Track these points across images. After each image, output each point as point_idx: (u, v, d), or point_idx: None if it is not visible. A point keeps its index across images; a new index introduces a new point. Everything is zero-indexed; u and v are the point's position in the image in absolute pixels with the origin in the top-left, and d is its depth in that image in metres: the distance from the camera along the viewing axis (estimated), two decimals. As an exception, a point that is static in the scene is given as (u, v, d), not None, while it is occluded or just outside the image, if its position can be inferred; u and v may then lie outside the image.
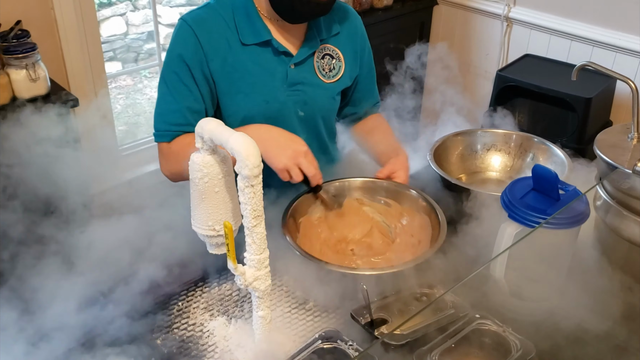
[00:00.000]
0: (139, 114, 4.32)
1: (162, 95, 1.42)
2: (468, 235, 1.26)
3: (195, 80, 1.38)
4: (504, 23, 3.04)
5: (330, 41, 1.50)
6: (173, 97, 1.40)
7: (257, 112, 1.43)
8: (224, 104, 1.44)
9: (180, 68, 1.38)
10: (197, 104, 1.40)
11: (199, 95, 1.40)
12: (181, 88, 1.39)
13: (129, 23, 4.71)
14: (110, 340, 1.13)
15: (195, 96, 1.40)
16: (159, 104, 1.43)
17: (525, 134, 1.65)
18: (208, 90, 1.41)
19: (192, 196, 1.05)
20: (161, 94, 1.42)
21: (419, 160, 1.63)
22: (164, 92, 1.41)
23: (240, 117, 1.44)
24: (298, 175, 1.29)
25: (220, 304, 1.24)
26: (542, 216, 1.09)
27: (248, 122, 1.44)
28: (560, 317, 1.08)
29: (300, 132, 1.50)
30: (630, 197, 1.18)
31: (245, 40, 1.40)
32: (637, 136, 1.27)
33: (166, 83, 1.41)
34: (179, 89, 1.39)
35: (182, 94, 1.39)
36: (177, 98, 1.39)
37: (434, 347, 1.05)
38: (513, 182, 1.19)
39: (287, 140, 1.31)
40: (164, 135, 1.42)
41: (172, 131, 1.40)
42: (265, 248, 1.02)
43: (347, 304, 1.17)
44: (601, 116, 2.64)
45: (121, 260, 1.25)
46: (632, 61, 2.66)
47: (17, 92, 2.06)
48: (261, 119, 1.44)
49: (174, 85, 1.39)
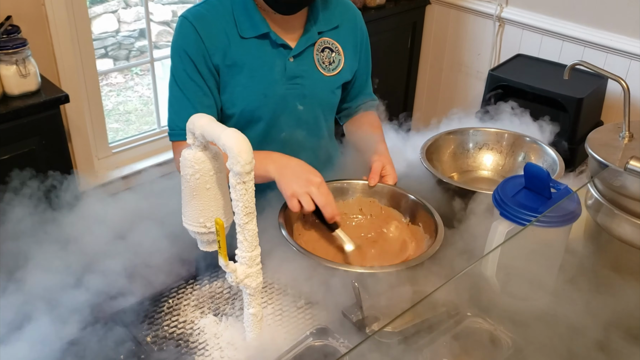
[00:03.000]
0: (130, 111, 4.30)
1: (174, 93, 1.43)
2: (460, 233, 1.26)
3: (202, 75, 1.40)
4: (496, 23, 3.05)
5: (329, 34, 1.51)
6: (184, 95, 1.41)
7: (257, 105, 1.44)
8: (224, 97, 1.44)
9: (187, 64, 1.39)
10: (207, 99, 1.42)
11: (207, 90, 1.41)
12: (190, 85, 1.40)
13: (121, 20, 4.69)
14: (100, 337, 1.12)
15: (205, 91, 1.41)
16: (171, 103, 1.44)
17: (517, 133, 1.65)
18: (215, 84, 1.43)
19: (183, 193, 1.04)
20: (172, 93, 1.44)
21: (411, 159, 1.63)
22: (175, 90, 1.42)
23: (239, 110, 1.44)
24: (309, 203, 1.26)
25: (211, 301, 1.24)
26: (534, 214, 1.09)
27: (248, 116, 1.44)
28: (551, 315, 1.08)
29: (299, 125, 1.51)
30: (621, 196, 1.19)
31: (244, 33, 1.41)
32: (629, 135, 1.27)
33: (177, 82, 1.42)
34: (188, 85, 1.40)
35: (193, 90, 1.40)
36: (188, 95, 1.41)
37: (425, 345, 1.05)
38: (505, 181, 1.19)
39: (303, 170, 1.31)
40: (180, 134, 1.43)
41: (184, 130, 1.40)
42: (257, 245, 1.01)
43: (338, 302, 1.16)
44: (592, 116, 2.66)
45: (111, 257, 1.24)
46: (622, 62, 2.67)
47: (7, 88, 2.04)
48: (261, 112, 1.44)
49: (184, 83, 1.41)
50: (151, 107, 4.16)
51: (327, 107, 1.56)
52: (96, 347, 1.11)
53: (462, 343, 1.09)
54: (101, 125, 2.72)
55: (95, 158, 2.73)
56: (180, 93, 1.42)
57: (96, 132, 2.71)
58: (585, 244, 1.28)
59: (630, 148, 1.25)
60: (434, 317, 1.11)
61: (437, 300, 1.15)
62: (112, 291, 1.19)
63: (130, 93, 4.50)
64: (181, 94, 1.42)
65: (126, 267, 1.23)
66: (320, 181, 1.29)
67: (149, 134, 2.95)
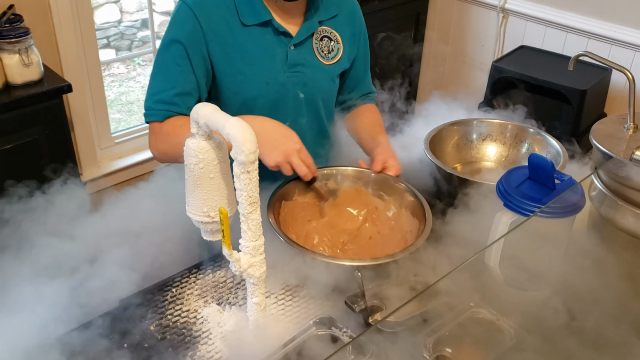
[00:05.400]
0: (132, 101, 4.29)
1: (154, 74, 1.42)
2: (463, 223, 1.26)
3: (191, 61, 1.38)
4: (500, 14, 3.04)
5: (328, 23, 1.50)
6: (165, 77, 1.40)
7: (258, 93, 1.43)
8: (224, 86, 1.43)
9: (176, 48, 1.37)
10: (188, 85, 1.39)
11: (192, 77, 1.39)
12: (174, 69, 1.38)
13: (123, 10, 4.68)
14: (103, 326, 1.13)
15: (187, 77, 1.39)
16: (150, 84, 1.42)
17: (521, 125, 1.64)
18: (204, 73, 1.41)
19: (187, 182, 1.04)
20: (153, 74, 1.42)
21: (414, 150, 1.63)
22: (156, 71, 1.41)
23: (241, 99, 1.44)
24: (288, 172, 1.29)
25: (215, 291, 1.24)
26: (538, 205, 1.09)
27: (249, 104, 1.43)
28: (554, 306, 1.08)
29: (301, 114, 1.50)
30: (625, 187, 1.19)
31: (245, 20, 1.40)
32: (633, 126, 1.27)
33: (159, 63, 1.41)
34: (171, 69, 1.38)
35: (174, 74, 1.38)
36: (168, 78, 1.39)
37: (428, 335, 1.05)
38: (509, 171, 1.19)
39: (281, 137, 1.30)
40: (154, 114, 1.40)
41: (161, 110, 1.39)
42: (261, 235, 1.01)
43: (341, 291, 1.17)
44: (596, 108, 2.65)
45: (115, 247, 1.24)
46: (627, 53, 2.66)
47: (10, 77, 2.04)
48: (262, 100, 1.43)
49: (166, 66, 1.39)
50: (153, 98, 4.15)
51: (326, 95, 1.56)
52: (100, 335, 1.11)
53: (465, 333, 1.09)
54: (104, 115, 2.72)
55: (97, 148, 2.73)
56: (162, 76, 1.40)
57: (99, 122, 2.71)
58: (589, 235, 1.28)
59: (635, 139, 1.24)
60: (437, 307, 1.11)
61: (440, 291, 1.15)
62: (115, 280, 1.19)
63: (133, 83, 4.49)
64: (163, 77, 1.40)
65: (130, 257, 1.23)
66: (299, 147, 1.30)
67: (152, 124, 2.94)
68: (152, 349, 1.10)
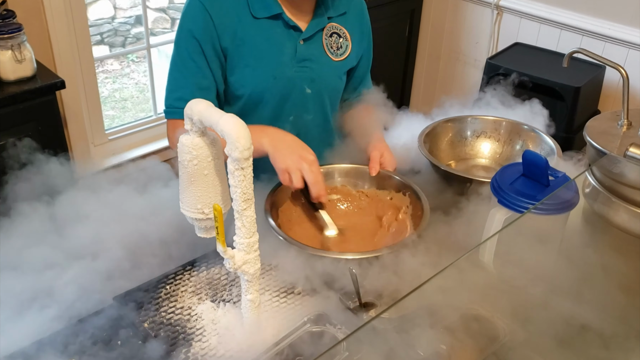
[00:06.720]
0: (126, 98, 4.28)
1: (172, 72, 1.43)
2: (457, 220, 1.26)
3: (206, 56, 1.39)
4: (494, 11, 3.04)
5: (337, 20, 1.51)
6: (181, 74, 1.41)
7: (265, 87, 1.43)
8: (232, 78, 1.44)
9: (190, 44, 1.38)
10: (205, 80, 1.41)
11: (208, 72, 1.40)
12: (190, 64, 1.39)
13: (117, 6, 4.66)
14: (97, 323, 1.12)
15: (204, 73, 1.40)
16: (169, 81, 1.44)
17: (515, 121, 1.65)
18: (219, 66, 1.42)
19: (180, 179, 1.04)
20: (171, 71, 1.43)
21: (409, 147, 1.63)
22: (173, 69, 1.43)
23: (248, 92, 1.44)
24: (298, 180, 1.28)
25: (209, 288, 1.24)
26: (532, 202, 1.09)
27: (256, 98, 1.44)
28: (548, 303, 1.09)
29: (306, 110, 1.51)
30: (619, 184, 1.19)
31: (256, 13, 1.40)
32: (627, 123, 1.27)
33: (175, 60, 1.42)
34: (188, 65, 1.40)
35: (191, 70, 1.40)
36: (185, 75, 1.40)
37: (422, 332, 1.05)
38: (503, 168, 1.19)
39: (298, 147, 1.32)
40: (174, 112, 1.42)
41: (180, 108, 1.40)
42: (255, 232, 1.01)
43: (335, 288, 1.17)
44: (590, 105, 2.65)
45: (109, 243, 1.24)
46: (621, 50, 2.67)
47: (3, 73, 2.03)
48: (268, 94, 1.44)
49: (183, 62, 1.40)
50: (147, 94, 4.14)
51: (333, 92, 1.56)
52: (93, 332, 1.10)
53: (459, 330, 1.09)
54: (97, 112, 2.71)
55: (91, 145, 2.72)
56: (178, 73, 1.41)
57: (92, 119, 2.70)
58: (583, 231, 1.29)
59: (629, 136, 1.25)
60: (431, 303, 1.11)
61: (434, 287, 1.14)
62: (109, 277, 1.19)
63: (126, 80, 4.47)
64: (179, 74, 1.41)
65: (123, 253, 1.22)
66: (313, 159, 1.30)
67: (145, 121, 2.93)
68: (146, 346, 1.09)
